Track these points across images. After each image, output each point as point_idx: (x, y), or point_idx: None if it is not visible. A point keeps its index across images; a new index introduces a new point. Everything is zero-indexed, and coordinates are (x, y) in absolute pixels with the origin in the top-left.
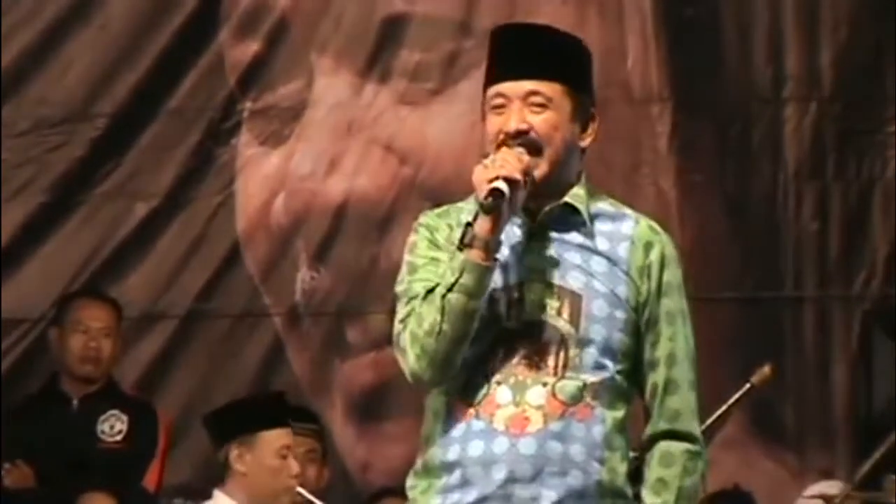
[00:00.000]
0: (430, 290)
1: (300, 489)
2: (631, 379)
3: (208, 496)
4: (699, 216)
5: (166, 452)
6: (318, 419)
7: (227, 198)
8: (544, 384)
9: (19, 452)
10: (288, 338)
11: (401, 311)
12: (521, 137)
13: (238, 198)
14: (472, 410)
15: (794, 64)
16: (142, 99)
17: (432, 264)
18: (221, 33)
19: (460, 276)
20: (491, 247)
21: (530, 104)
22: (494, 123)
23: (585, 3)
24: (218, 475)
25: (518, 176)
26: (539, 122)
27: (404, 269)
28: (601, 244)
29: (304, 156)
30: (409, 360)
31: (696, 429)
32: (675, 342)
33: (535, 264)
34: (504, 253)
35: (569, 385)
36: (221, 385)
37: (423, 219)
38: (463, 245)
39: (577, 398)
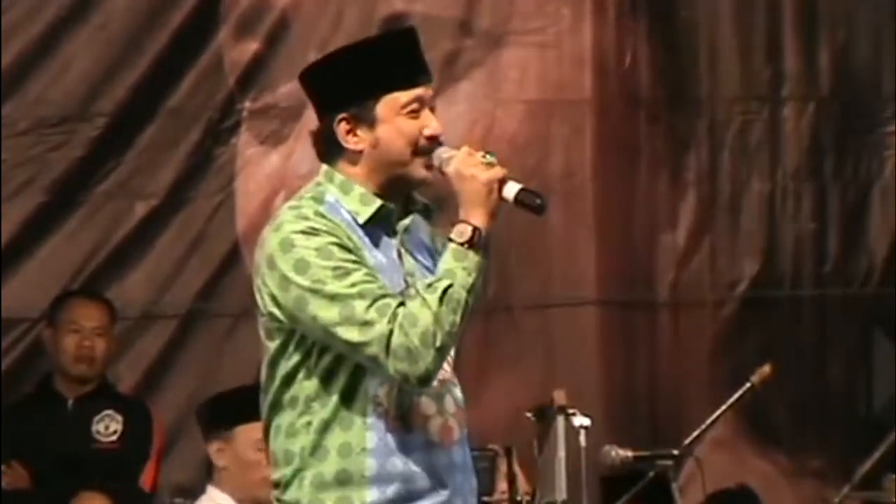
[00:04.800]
0: (445, 291)
1: None
2: None
3: None
4: (696, 216)
5: (161, 452)
6: None
7: (226, 197)
8: (448, 391)
9: (15, 453)
10: None
11: (367, 312)
12: (437, 141)
13: (238, 197)
14: (399, 421)
15: (793, 63)
16: (141, 98)
17: (360, 266)
18: (221, 33)
19: (476, 279)
20: None
21: (430, 108)
22: (412, 126)
23: (583, 3)
24: (208, 469)
25: None
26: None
27: (326, 273)
28: (429, 242)
29: (304, 155)
30: (426, 362)
31: None
32: None
33: (409, 269)
34: (391, 258)
35: (457, 389)
36: (221, 384)
37: (312, 223)
38: (474, 246)
39: (462, 405)
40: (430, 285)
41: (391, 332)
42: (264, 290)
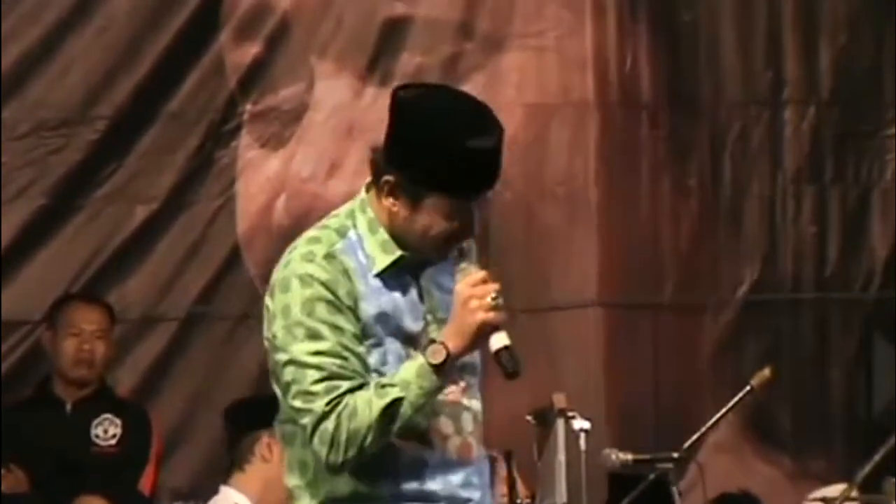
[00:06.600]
0: (392, 403)
1: None
2: None
3: (208, 499)
4: (697, 219)
5: (160, 456)
6: None
7: (227, 200)
8: (467, 409)
9: (13, 457)
10: None
11: (314, 384)
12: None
13: (238, 200)
14: (415, 441)
15: (793, 67)
16: (142, 101)
17: (336, 334)
18: (222, 35)
19: (426, 400)
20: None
21: (479, 203)
22: (444, 225)
23: (583, 7)
24: (227, 468)
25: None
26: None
27: (299, 330)
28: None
29: (305, 158)
30: (344, 457)
31: None
32: None
33: (431, 307)
34: (410, 298)
35: (476, 408)
36: (221, 388)
37: (313, 269)
38: (440, 371)
39: (481, 420)
40: (383, 386)
41: (324, 415)
42: (267, 311)
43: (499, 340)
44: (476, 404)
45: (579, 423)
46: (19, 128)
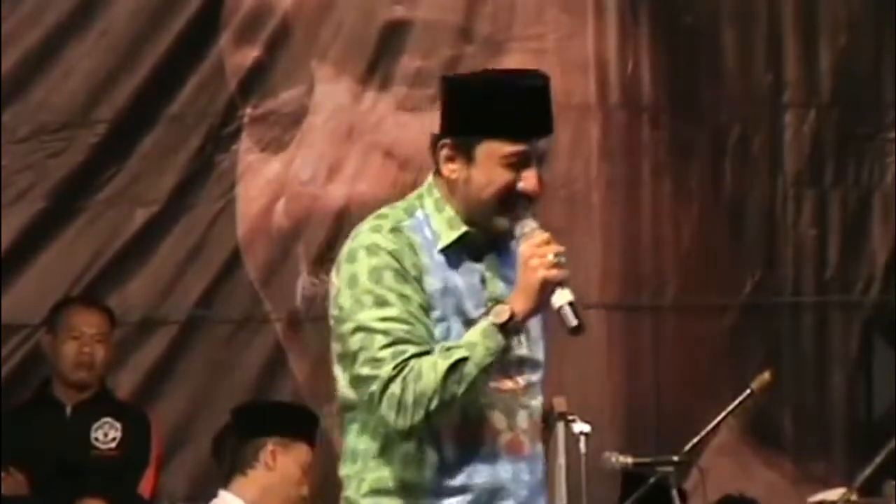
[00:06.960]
0: (457, 363)
1: None
2: None
3: (208, 503)
4: (697, 222)
5: (160, 459)
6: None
7: (227, 203)
8: (523, 407)
9: (13, 459)
10: (289, 344)
11: (381, 350)
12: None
13: (238, 203)
14: (466, 435)
15: (794, 70)
16: (142, 105)
17: (403, 302)
18: (222, 39)
19: (493, 360)
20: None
21: (540, 159)
22: (507, 177)
23: (584, 9)
24: (227, 473)
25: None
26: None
27: (367, 297)
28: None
29: (305, 161)
30: (411, 420)
31: None
32: None
33: (495, 294)
34: (472, 282)
35: (534, 406)
36: (222, 391)
37: (379, 239)
38: (505, 329)
39: (538, 419)
40: (448, 349)
41: (391, 379)
42: (333, 287)
43: (562, 297)
44: (535, 403)
45: (579, 427)
46: (20, 131)
